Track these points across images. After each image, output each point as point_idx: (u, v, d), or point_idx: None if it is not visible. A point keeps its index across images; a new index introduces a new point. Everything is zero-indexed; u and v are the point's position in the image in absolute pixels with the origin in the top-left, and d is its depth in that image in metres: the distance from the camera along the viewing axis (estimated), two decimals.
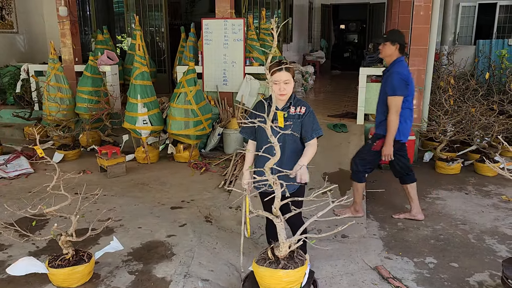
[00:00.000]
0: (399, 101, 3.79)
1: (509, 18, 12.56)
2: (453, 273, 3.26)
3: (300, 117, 2.78)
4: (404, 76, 3.78)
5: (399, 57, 3.87)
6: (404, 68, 3.85)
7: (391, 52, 3.85)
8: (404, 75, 3.79)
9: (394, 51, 3.83)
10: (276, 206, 2.53)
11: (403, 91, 3.78)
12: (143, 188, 4.95)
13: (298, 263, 2.60)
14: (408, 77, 3.82)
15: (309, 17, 13.64)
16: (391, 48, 3.83)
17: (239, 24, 6.15)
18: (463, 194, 4.84)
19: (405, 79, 3.78)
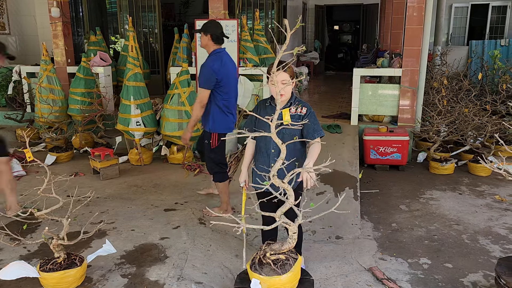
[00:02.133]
0: (206, 93, 3.80)
1: (501, 19, 12.64)
2: (447, 273, 3.25)
3: (300, 118, 2.76)
4: (215, 70, 3.76)
5: (217, 48, 3.90)
6: (218, 62, 3.81)
7: (205, 43, 3.89)
8: (214, 69, 3.77)
9: (208, 41, 3.87)
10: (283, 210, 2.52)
11: (209, 84, 3.78)
12: (137, 190, 4.91)
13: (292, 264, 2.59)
14: (220, 71, 3.78)
15: (303, 18, 13.64)
16: (205, 39, 3.88)
17: (233, 25, 6.13)
18: (456, 194, 4.85)
19: (215, 73, 3.76)
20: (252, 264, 2.62)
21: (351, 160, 5.20)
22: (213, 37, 3.86)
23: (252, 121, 2.89)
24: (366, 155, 5.71)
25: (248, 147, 2.99)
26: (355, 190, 4.60)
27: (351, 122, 6.15)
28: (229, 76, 3.89)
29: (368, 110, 6.16)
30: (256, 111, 2.83)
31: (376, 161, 5.68)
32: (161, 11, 9.31)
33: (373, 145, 5.63)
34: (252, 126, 2.89)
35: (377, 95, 6.03)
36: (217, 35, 3.87)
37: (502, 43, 10.53)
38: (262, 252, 2.64)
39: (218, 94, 3.84)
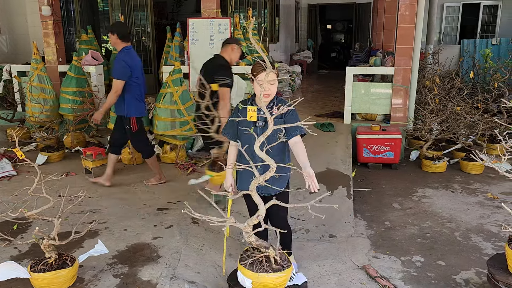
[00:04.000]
0: (120, 84, 4.40)
1: (492, 18, 12.75)
2: (440, 271, 3.27)
3: (282, 116, 2.73)
4: (128, 63, 4.36)
5: (125, 46, 4.44)
6: (128, 56, 4.41)
7: (114, 41, 4.44)
8: (127, 62, 4.37)
9: (116, 40, 4.41)
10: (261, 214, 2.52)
11: (124, 76, 4.38)
12: (129, 190, 4.88)
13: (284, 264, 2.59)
14: (132, 64, 4.39)
15: (296, 17, 13.65)
16: (113, 38, 4.42)
17: (225, 23, 6.11)
18: (449, 192, 4.88)
19: (129, 66, 4.36)
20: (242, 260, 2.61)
21: (344, 159, 5.20)
22: (120, 36, 4.39)
23: (234, 125, 2.82)
24: (359, 154, 5.72)
25: (231, 151, 2.94)
26: (348, 189, 4.60)
27: (344, 120, 6.16)
28: (139, 69, 4.51)
29: (361, 108, 6.17)
30: (236, 113, 2.80)
31: (369, 160, 5.69)
32: (153, 10, 9.27)
33: (366, 144, 5.65)
34: (234, 130, 2.84)
35: (370, 93, 6.04)
36: (123, 34, 4.41)
37: (494, 42, 10.61)
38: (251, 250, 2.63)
39: (132, 84, 4.44)
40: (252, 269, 2.52)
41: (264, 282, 2.49)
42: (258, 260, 2.58)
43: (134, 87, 4.48)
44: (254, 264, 2.55)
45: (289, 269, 2.61)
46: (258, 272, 2.51)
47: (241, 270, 2.56)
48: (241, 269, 2.56)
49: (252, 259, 2.57)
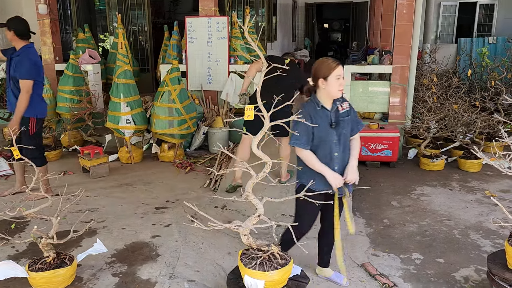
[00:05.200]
0: (31, 84, 4.10)
1: (488, 17, 12.78)
2: (439, 268, 3.27)
3: (348, 114, 2.72)
4: (36, 62, 4.18)
5: (26, 44, 4.20)
6: (34, 54, 4.20)
7: (10, 38, 4.17)
8: (35, 60, 4.19)
9: (13, 37, 4.15)
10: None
11: (33, 75, 4.12)
12: (127, 189, 4.86)
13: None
14: (38, 63, 4.24)
15: (293, 16, 13.64)
16: (9, 34, 4.16)
17: (223, 22, 6.10)
18: (447, 190, 4.88)
19: (36, 64, 4.17)
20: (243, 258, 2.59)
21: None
22: (17, 33, 4.14)
23: (309, 132, 2.60)
24: None
25: (312, 156, 2.64)
26: None
27: None
28: (42, 68, 4.35)
29: (359, 107, 6.17)
30: (309, 119, 2.58)
31: (367, 158, 5.69)
32: (150, 9, 9.24)
33: (364, 142, 5.64)
34: (308, 137, 2.61)
35: (368, 92, 6.05)
36: (21, 31, 4.16)
37: (490, 41, 10.64)
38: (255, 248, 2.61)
39: (37, 83, 4.20)
40: (262, 270, 2.48)
41: (277, 279, 2.48)
42: (265, 259, 2.56)
43: (37, 86, 4.22)
44: (263, 264, 2.51)
45: (291, 261, 2.60)
46: (270, 270, 2.48)
47: (249, 273, 2.49)
48: (249, 273, 2.49)
49: (260, 260, 2.53)
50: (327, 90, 2.58)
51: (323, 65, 2.57)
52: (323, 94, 2.62)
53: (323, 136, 2.63)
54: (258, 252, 2.55)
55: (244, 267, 2.50)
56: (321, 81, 2.58)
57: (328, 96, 2.62)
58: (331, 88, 2.58)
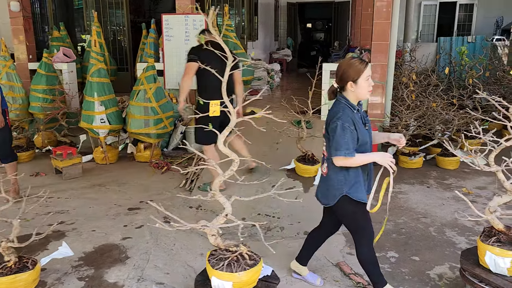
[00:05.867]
0: None
1: (468, 17, 12.94)
2: (414, 266, 3.24)
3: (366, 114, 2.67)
4: None
5: None
6: None
7: None
8: None
9: None
10: None
11: None
12: (100, 190, 4.74)
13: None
14: None
15: (275, 16, 13.60)
16: None
17: (200, 19, 6.01)
18: (424, 187, 4.88)
19: None
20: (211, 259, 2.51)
21: (319, 155, 5.15)
22: None
23: (355, 138, 2.43)
24: None
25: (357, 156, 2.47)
26: None
27: (321, 117, 6.11)
28: None
29: None
30: (352, 124, 2.41)
31: None
32: (130, 8, 9.09)
33: None
34: (354, 143, 2.44)
35: None
36: None
37: (469, 40, 10.74)
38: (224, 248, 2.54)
39: None
40: (230, 271, 2.41)
41: (245, 280, 2.40)
42: (233, 260, 2.48)
43: None
44: (231, 265, 2.44)
45: (261, 261, 2.53)
46: (238, 271, 2.40)
47: (216, 275, 2.42)
48: (216, 274, 2.42)
49: (228, 261, 2.46)
50: (356, 92, 2.45)
51: (351, 69, 2.41)
52: (352, 96, 2.47)
53: (363, 139, 2.49)
54: (226, 253, 2.48)
55: (211, 269, 2.42)
56: (350, 84, 2.43)
57: (357, 98, 2.49)
58: (361, 91, 2.45)
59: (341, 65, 2.49)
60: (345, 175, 2.52)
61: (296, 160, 4.73)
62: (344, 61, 2.50)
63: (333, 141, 2.42)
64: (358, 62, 2.44)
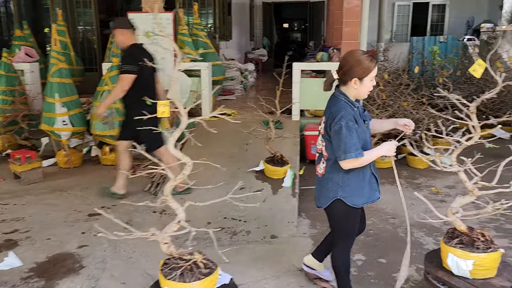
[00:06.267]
0: None
1: (441, 17, 13.11)
2: (380, 269, 3.17)
3: (364, 110, 2.52)
4: None
5: None
6: None
7: None
8: None
9: None
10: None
11: None
12: (61, 195, 4.53)
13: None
14: None
15: (250, 15, 13.49)
16: None
17: (168, 18, 5.85)
18: (394, 187, 4.82)
19: None
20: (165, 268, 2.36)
21: (291, 156, 5.05)
22: None
23: (359, 135, 2.29)
24: (308, 151, 5.61)
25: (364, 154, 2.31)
26: (293, 187, 4.46)
27: (292, 117, 6.03)
28: None
29: (309, 105, 6.07)
30: (354, 122, 2.28)
31: None
32: (101, 7, 8.83)
33: (314, 141, 5.46)
34: (360, 141, 2.30)
35: (318, 89, 5.91)
36: None
37: (441, 40, 10.86)
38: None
39: None
40: (183, 281, 2.27)
41: None
42: (186, 269, 2.34)
43: None
44: (184, 274, 2.30)
45: (217, 269, 2.40)
46: (191, 282, 2.27)
47: (169, 285, 2.28)
48: (169, 285, 2.28)
49: (181, 270, 2.32)
50: (358, 90, 2.31)
51: (360, 65, 2.24)
52: (353, 92, 2.33)
53: (365, 137, 2.35)
54: (179, 262, 2.34)
55: (164, 279, 2.28)
56: (354, 81, 2.27)
57: (356, 95, 2.35)
58: (364, 90, 2.31)
59: (349, 59, 2.29)
60: (344, 178, 2.38)
61: (265, 162, 4.61)
62: (353, 55, 2.29)
63: (340, 144, 2.24)
64: (368, 59, 2.26)
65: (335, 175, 2.38)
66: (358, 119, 2.32)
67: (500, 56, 7.91)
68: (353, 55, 2.29)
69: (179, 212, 2.29)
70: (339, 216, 2.49)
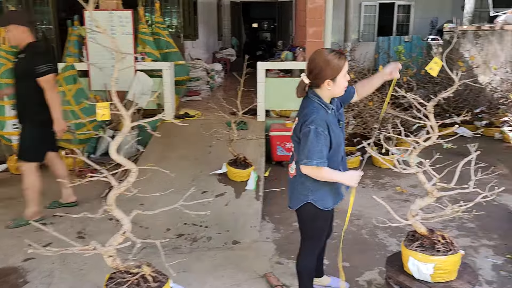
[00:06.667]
0: None
1: (406, 17, 13.32)
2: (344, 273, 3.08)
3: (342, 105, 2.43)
4: None
5: None
6: None
7: None
8: None
9: None
10: None
11: None
12: (10, 203, 4.27)
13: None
14: None
15: (218, 15, 13.33)
16: None
17: (127, 16, 5.63)
18: (360, 187, 4.79)
19: None
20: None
21: (255, 158, 4.94)
22: None
23: (327, 142, 2.19)
24: (273, 152, 5.51)
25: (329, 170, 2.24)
26: (257, 190, 4.34)
27: (257, 118, 5.91)
28: None
29: (275, 105, 5.97)
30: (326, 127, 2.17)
31: (284, 158, 5.49)
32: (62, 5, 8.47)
33: (280, 141, 5.44)
34: (328, 148, 2.20)
35: (283, 89, 5.85)
36: None
37: (406, 39, 11.01)
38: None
39: None
40: None
41: None
42: (133, 284, 2.18)
43: None
44: None
45: (168, 282, 2.26)
46: None
47: None
48: None
49: (127, 285, 2.16)
50: (332, 90, 2.20)
51: (330, 66, 2.13)
52: (327, 94, 2.23)
53: (337, 141, 2.26)
54: (126, 276, 2.18)
55: None
56: (327, 82, 2.17)
57: (331, 95, 2.24)
58: (338, 89, 2.21)
59: (317, 61, 2.16)
60: (315, 182, 2.30)
61: (228, 164, 4.48)
62: (320, 56, 2.16)
63: (304, 148, 2.15)
64: (336, 57, 2.14)
65: (307, 179, 2.30)
66: (331, 123, 2.22)
67: (462, 56, 8.04)
68: (320, 56, 2.17)
69: (124, 222, 2.12)
70: (309, 218, 2.44)
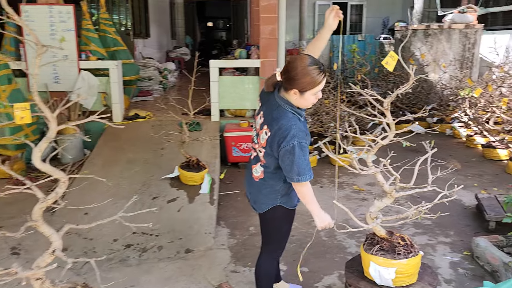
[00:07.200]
0: None
1: (359, 17, 13.53)
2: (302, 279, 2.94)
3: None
4: None
5: None
6: None
7: None
8: None
9: None
10: None
11: None
12: None
13: None
14: None
15: (171, 13, 12.95)
16: None
17: (68, 11, 5.25)
18: (318, 187, 4.70)
19: None
20: None
21: (209, 160, 4.73)
22: None
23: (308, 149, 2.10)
24: (229, 153, 5.32)
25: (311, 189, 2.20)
26: (211, 193, 4.14)
27: (211, 118, 5.70)
28: None
29: (229, 104, 5.78)
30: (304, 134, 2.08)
31: (239, 159, 5.33)
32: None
33: (235, 142, 5.27)
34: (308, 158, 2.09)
35: (237, 88, 5.67)
36: None
37: (359, 38, 11.14)
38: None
39: None
40: None
41: None
42: None
43: None
44: None
45: None
46: None
47: None
48: None
49: None
50: (297, 102, 2.07)
51: (306, 78, 1.97)
52: (294, 102, 2.09)
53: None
54: None
55: None
56: (294, 92, 2.02)
57: (297, 105, 2.10)
58: (303, 102, 2.07)
59: (296, 66, 1.99)
60: (285, 185, 2.21)
61: (180, 167, 4.24)
62: (301, 63, 1.99)
63: (292, 165, 2.01)
64: (316, 72, 1.98)
65: (277, 183, 2.19)
66: (306, 129, 2.14)
67: (413, 54, 8.19)
68: (302, 62, 1.99)
69: (53, 239, 1.87)
70: (278, 220, 2.33)
